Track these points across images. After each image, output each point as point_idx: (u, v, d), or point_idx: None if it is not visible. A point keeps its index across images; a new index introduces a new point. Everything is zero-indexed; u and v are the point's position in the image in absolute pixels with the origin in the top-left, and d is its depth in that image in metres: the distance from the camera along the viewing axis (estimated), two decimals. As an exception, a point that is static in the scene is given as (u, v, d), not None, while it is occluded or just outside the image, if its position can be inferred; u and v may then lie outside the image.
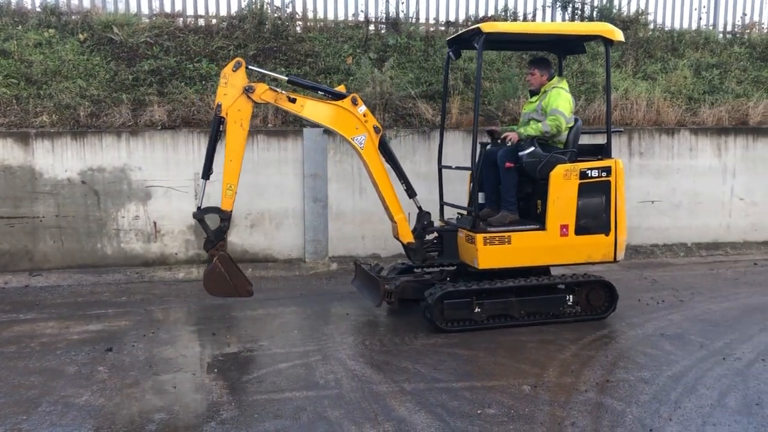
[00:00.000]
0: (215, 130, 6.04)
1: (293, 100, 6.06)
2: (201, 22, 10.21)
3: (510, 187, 6.27)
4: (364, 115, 6.21)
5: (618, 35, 6.34)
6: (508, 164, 6.17)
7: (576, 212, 6.19)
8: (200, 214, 6.11)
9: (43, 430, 4.07)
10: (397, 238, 6.52)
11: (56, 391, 4.66)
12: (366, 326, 6.26)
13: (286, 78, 6.34)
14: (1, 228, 8.05)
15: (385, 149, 6.39)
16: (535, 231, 6.16)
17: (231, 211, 6.12)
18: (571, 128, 6.37)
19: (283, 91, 6.10)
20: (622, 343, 5.69)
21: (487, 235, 6.04)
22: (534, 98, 6.61)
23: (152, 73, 8.97)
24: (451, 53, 6.70)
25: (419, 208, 6.51)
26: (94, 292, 7.53)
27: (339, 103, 6.17)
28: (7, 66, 8.70)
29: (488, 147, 6.63)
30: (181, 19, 10.17)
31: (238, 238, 8.53)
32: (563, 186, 6.14)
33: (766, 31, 12.29)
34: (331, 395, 4.56)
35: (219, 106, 5.92)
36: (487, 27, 6.01)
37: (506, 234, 6.08)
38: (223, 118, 5.96)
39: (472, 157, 6.26)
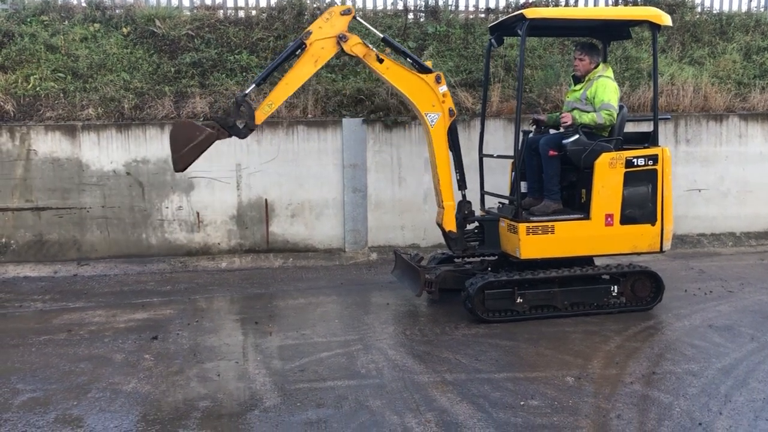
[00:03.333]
0: (291, 50, 5.93)
1: (381, 61, 5.98)
2: (241, 13, 10.27)
3: (553, 175, 6.17)
4: (444, 95, 6.15)
5: (666, 20, 6.17)
6: (551, 152, 6.07)
7: (621, 201, 6.08)
8: (242, 98, 5.80)
9: (93, 415, 4.17)
10: (440, 225, 6.46)
11: (105, 377, 4.77)
12: (406, 316, 6.26)
13: (381, 35, 6.25)
14: (50, 219, 8.26)
15: (452, 135, 6.29)
16: (580, 220, 6.06)
17: (257, 125, 5.91)
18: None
19: (374, 49, 6.01)
20: (668, 334, 5.57)
21: (530, 224, 5.96)
22: (578, 86, 6.48)
23: (194, 65, 9.08)
24: (493, 40, 6.60)
25: (463, 196, 6.44)
26: (139, 281, 7.69)
27: (423, 76, 6.11)
28: (55, 60, 8.90)
29: (530, 135, 6.53)
30: (222, 11, 10.25)
31: (279, 228, 8.60)
32: (608, 174, 6.03)
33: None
34: (373, 384, 4.57)
35: (308, 33, 5.85)
36: (530, 13, 5.91)
37: (550, 224, 6.00)
38: (305, 45, 5.86)
39: (514, 146, 6.18)
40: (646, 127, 6.89)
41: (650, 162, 6.13)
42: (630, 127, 7.01)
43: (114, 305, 6.67)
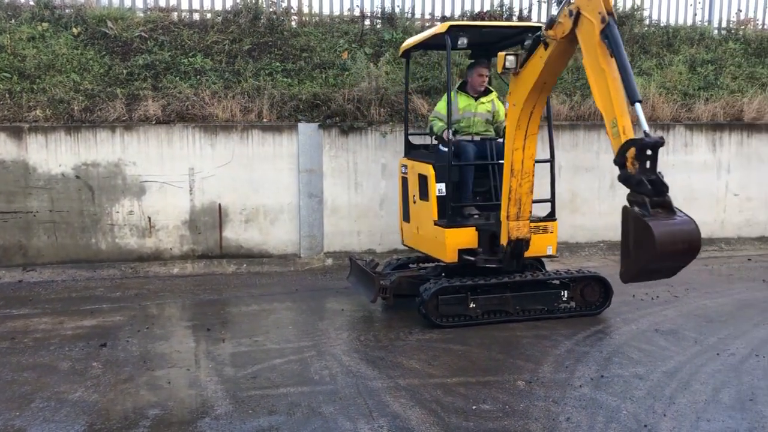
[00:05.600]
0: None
1: None
2: (196, 16, 10.17)
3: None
4: None
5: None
6: None
7: None
8: (657, 140, 4.27)
9: (36, 426, 4.05)
10: (519, 240, 5.91)
11: (50, 386, 4.64)
12: (361, 322, 6.26)
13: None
14: (-6, 223, 8.01)
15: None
16: None
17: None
18: None
19: None
20: (616, 338, 5.70)
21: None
22: (484, 99, 6.80)
23: (147, 67, 8.93)
24: (463, 40, 6.21)
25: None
26: (88, 287, 7.50)
27: None
28: (0, 60, 8.64)
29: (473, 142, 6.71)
30: (176, 13, 10.13)
31: (232, 234, 8.51)
32: None
33: (760, 27, 12.30)
34: (326, 391, 4.55)
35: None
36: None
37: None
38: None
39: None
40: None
41: None
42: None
43: (61, 312, 6.50)
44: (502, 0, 11.14)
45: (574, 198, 9.02)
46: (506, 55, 5.47)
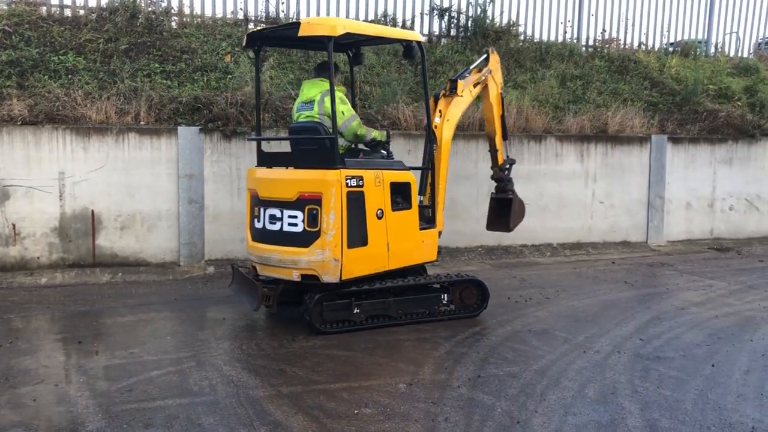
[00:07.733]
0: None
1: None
2: (67, 12, 9.65)
3: None
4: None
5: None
6: None
7: None
8: (514, 160, 8.10)
9: None
10: None
11: None
12: (243, 330, 6.16)
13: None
14: None
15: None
16: None
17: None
18: None
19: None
20: (492, 339, 5.94)
21: None
22: None
23: (11, 64, 8.36)
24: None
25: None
26: (-59, 300, 6.92)
27: None
28: None
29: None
30: (45, 8, 9.56)
31: (107, 242, 8.11)
32: None
33: (622, 46, 13.29)
34: (206, 402, 4.44)
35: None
36: None
37: None
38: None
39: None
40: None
41: None
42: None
43: None
44: (386, 10, 11.38)
45: (454, 205, 9.31)
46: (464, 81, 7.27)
